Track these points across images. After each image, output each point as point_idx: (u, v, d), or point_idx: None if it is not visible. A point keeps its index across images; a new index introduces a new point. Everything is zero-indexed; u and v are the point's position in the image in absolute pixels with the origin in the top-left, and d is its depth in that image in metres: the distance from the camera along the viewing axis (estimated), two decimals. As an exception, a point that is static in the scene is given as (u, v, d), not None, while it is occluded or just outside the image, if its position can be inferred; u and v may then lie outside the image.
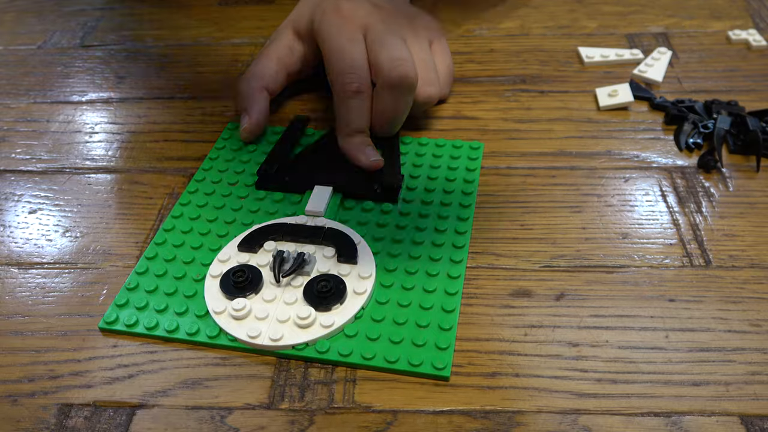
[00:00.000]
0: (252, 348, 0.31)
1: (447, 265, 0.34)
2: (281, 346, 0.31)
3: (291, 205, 0.38)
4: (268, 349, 0.31)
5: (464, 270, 0.34)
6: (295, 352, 0.31)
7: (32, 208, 0.40)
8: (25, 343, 0.32)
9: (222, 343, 0.31)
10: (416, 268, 0.34)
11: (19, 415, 0.29)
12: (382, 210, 0.38)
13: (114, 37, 0.56)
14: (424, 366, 0.30)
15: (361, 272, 0.33)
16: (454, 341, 0.31)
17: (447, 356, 0.30)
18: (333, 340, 0.31)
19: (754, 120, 0.42)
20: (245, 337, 0.31)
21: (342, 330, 0.31)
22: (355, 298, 0.32)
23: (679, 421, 0.28)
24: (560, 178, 0.40)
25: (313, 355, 0.31)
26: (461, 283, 0.33)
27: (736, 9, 0.55)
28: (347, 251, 0.34)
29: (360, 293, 0.32)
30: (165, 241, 0.36)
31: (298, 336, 0.31)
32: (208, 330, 0.32)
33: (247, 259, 0.35)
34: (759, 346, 0.31)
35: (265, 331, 0.31)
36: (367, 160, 0.39)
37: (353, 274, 0.33)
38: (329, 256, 0.34)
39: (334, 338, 0.31)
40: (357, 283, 0.33)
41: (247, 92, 0.42)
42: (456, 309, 0.32)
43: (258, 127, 0.42)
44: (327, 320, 0.31)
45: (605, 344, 0.31)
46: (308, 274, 0.33)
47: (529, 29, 0.54)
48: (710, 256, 0.35)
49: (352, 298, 0.32)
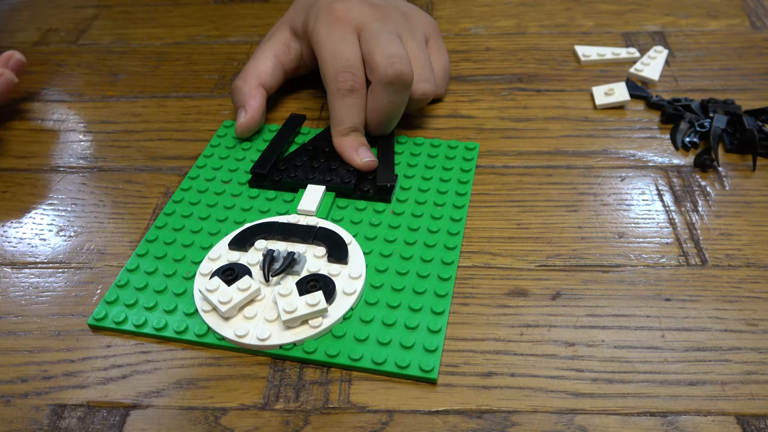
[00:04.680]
0: (239, 347, 0.31)
1: (438, 266, 0.34)
2: (268, 345, 0.30)
3: (284, 204, 0.38)
4: (255, 348, 0.31)
5: (455, 272, 0.34)
6: (283, 352, 0.31)
7: (26, 207, 0.40)
8: (18, 343, 0.32)
9: (209, 342, 0.31)
10: (407, 269, 0.34)
11: (12, 415, 0.29)
12: (375, 209, 0.38)
13: (109, 36, 0.56)
14: (411, 368, 0.30)
15: (351, 272, 0.33)
16: (443, 343, 0.31)
17: (435, 358, 0.30)
18: (321, 341, 0.31)
19: (751, 119, 0.42)
20: (233, 336, 0.31)
21: (330, 330, 0.31)
22: (344, 298, 0.32)
23: (676, 421, 0.28)
24: (556, 177, 0.40)
25: (300, 355, 0.30)
26: (452, 285, 0.33)
27: (732, 8, 0.55)
28: (337, 251, 0.34)
29: (349, 294, 0.32)
30: (156, 239, 0.36)
31: (285, 336, 0.31)
32: (196, 328, 0.32)
33: (238, 257, 0.34)
34: (755, 345, 0.31)
35: (253, 331, 0.31)
36: (360, 161, 0.38)
37: (343, 274, 0.33)
38: (320, 256, 0.34)
39: (322, 339, 0.31)
40: (346, 283, 0.33)
41: (243, 89, 0.42)
42: (446, 311, 0.32)
43: (254, 124, 0.42)
44: (315, 321, 0.31)
45: (601, 344, 0.31)
46: (298, 273, 0.33)
47: (526, 28, 0.54)
48: (706, 255, 0.35)
49: (341, 299, 0.32)
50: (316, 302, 0.31)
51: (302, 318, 0.31)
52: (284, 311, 0.31)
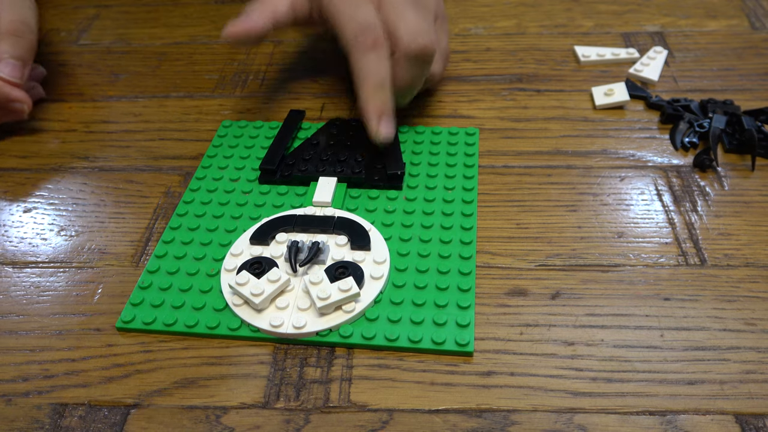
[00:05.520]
0: (276, 338, 0.31)
1: (458, 246, 0.35)
2: (305, 333, 0.31)
3: (297, 198, 0.39)
4: (292, 337, 0.31)
5: (475, 251, 0.35)
6: (320, 338, 0.31)
7: (27, 207, 0.40)
8: (19, 342, 0.32)
9: (244, 335, 0.32)
10: (429, 251, 0.35)
11: (14, 414, 0.29)
12: (387, 197, 0.38)
13: (109, 36, 0.56)
14: (447, 343, 0.31)
15: (375, 258, 0.34)
16: (474, 318, 0.32)
17: (469, 333, 0.31)
18: (355, 325, 0.32)
19: (750, 119, 0.42)
20: (268, 326, 0.31)
21: (363, 314, 0.32)
22: (373, 282, 0.33)
23: (674, 420, 0.28)
24: (556, 177, 0.40)
25: (337, 340, 0.31)
26: (473, 263, 0.34)
27: (731, 8, 0.56)
28: (360, 238, 0.35)
29: (377, 278, 0.33)
30: (173, 240, 0.36)
31: (320, 323, 0.31)
32: (229, 323, 0.32)
33: (260, 251, 0.35)
34: (754, 344, 0.31)
35: (288, 320, 0.31)
36: (376, 130, 0.38)
37: (368, 260, 0.34)
38: (342, 244, 0.35)
39: (357, 323, 0.32)
40: (373, 268, 0.34)
41: (254, 8, 0.41)
42: (472, 288, 0.33)
43: (247, 33, 0.40)
44: (348, 306, 0.32)
45: (600, 343, 0.31)
46: (323, 262, 0.34)
47: (526, 28, 0.54)
48: (705, 255, 0.35)
49: (370, 283, 0.33)
50: (349, 287, 0.31)
51: (336, 304, 0.31)
52: (318, 298, 0.31)
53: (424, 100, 0.46)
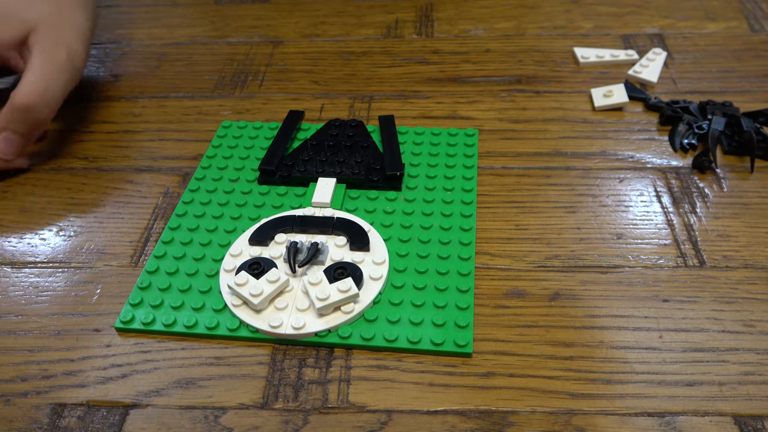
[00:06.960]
0: (274, 338, 0.31)
1: (457, 247, 0.35)
2: (304, 333, 0.31)
3: (296, 198, 0.39)
4: (291, 338, 0.31)
5: (474, 252, 0.35)
6: (318, 339, 0.31)
7: (26, 207, 0.40)
8: (18, 342, 0.32)
9: (243, 336, 0.32)
10: (428, 252, 0.35)
11: (12, 415, 0.29)
12: (386, 198, 0.38)
13: (109, 36, 0.56)
14: (446, 344, 0.31)
15: (374, 258, 0.34)
16: (473, 320, 0.32)
17: (467, 334, 0.31)
18: (354, 326, 0.32)
19: (749, 121, 0.42)
20: (267, 327, 0.31)
21: (362, 315, 0.32)
22: (372, 283, 0.33)
23: (673, 421, 0.28)
24: (555, 178, 0.40)
25: (336, 341, 0.31)
26: (473, 264, 0.34)
27: (731, 10, 0.56)
28: (359, 239, 0.35)
29: (376, 279, 0.33)
30: (172, 240, 0.36)
31: (319, 323, 0.31)
32: (227, 323, 0.32)
33: (260, 252, 0.35)
34: (752, 346, 0.31)
35: (287, 321, 0.31)
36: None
37: (367, 260, 0.34)
38: (341, 245, 0.35)
39: (356, 323, 0.32)
40: (372, 269, 0.34)
41: None
42: (470, 289, 0.33)
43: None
44: (347, 307, 0.32)
45: (599, 344, 0.31)
46: (322, 263, 0.34)
47: (525, 29, 0.54)
48: (704, 256, 0.35)
49: (369, 284, 0.33)
50: (348, 288, 0.31)
51: (335, 304, 0.31)
52: (317, 299, 0.31)
53: (423, 101, 0.46)
